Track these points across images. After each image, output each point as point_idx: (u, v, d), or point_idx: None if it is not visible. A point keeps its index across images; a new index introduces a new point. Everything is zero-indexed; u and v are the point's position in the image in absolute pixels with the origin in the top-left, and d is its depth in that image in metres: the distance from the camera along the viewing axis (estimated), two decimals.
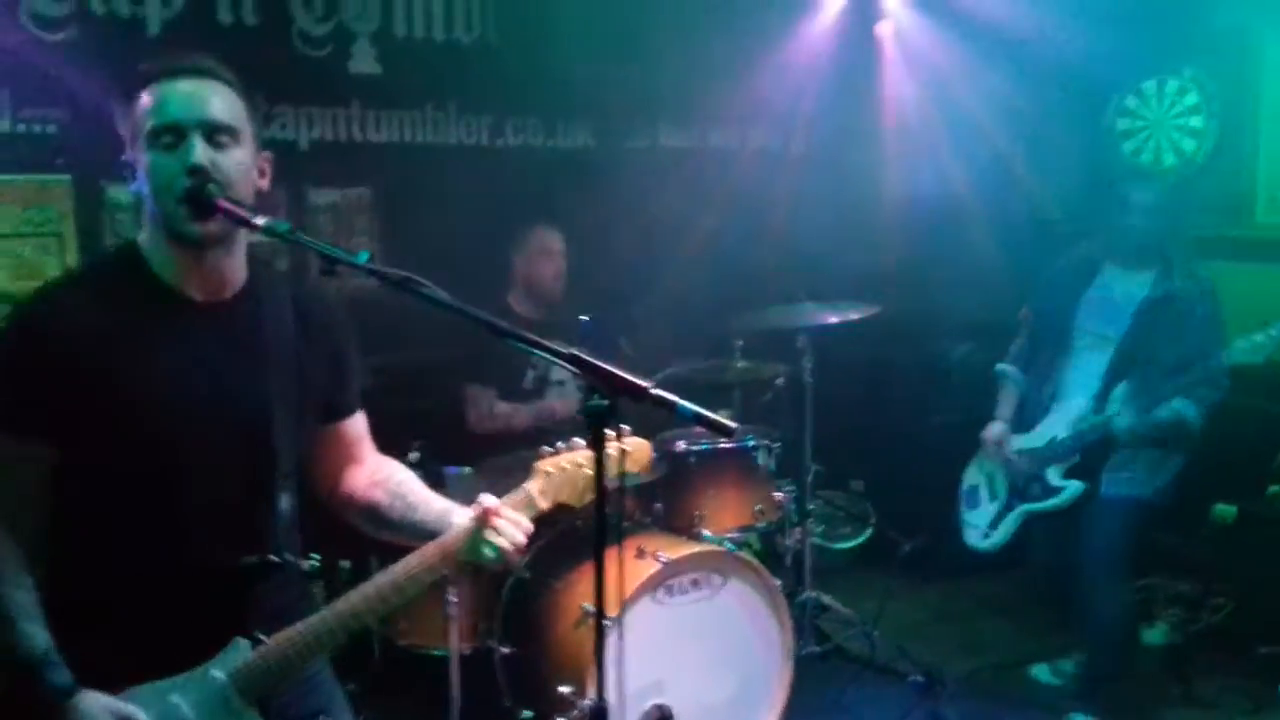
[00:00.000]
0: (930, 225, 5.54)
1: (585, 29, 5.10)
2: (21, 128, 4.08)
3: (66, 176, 4.10)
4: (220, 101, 1.89)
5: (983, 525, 4.22)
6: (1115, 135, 5.63)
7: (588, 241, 4.63)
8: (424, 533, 2.06)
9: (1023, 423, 4.17)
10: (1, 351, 1.86)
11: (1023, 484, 4.10)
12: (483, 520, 1.96)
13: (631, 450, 2.03)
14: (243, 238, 1.97)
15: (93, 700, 1.83)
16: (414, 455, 3.60)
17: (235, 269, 1.98)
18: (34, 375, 1.82)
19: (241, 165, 1.90)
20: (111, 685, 1.86)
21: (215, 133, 1.88)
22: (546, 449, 2.03)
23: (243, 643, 1.93)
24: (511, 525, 1.96)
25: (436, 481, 3.15)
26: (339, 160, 4.69)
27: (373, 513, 2.16)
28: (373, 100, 4.72)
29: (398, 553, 2.04)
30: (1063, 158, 5.66)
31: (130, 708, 1.85)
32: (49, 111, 4.09)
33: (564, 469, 2.01)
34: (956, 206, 5.46)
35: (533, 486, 2.01)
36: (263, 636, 1.95)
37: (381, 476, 2.20)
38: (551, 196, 4.76)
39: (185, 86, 1.88)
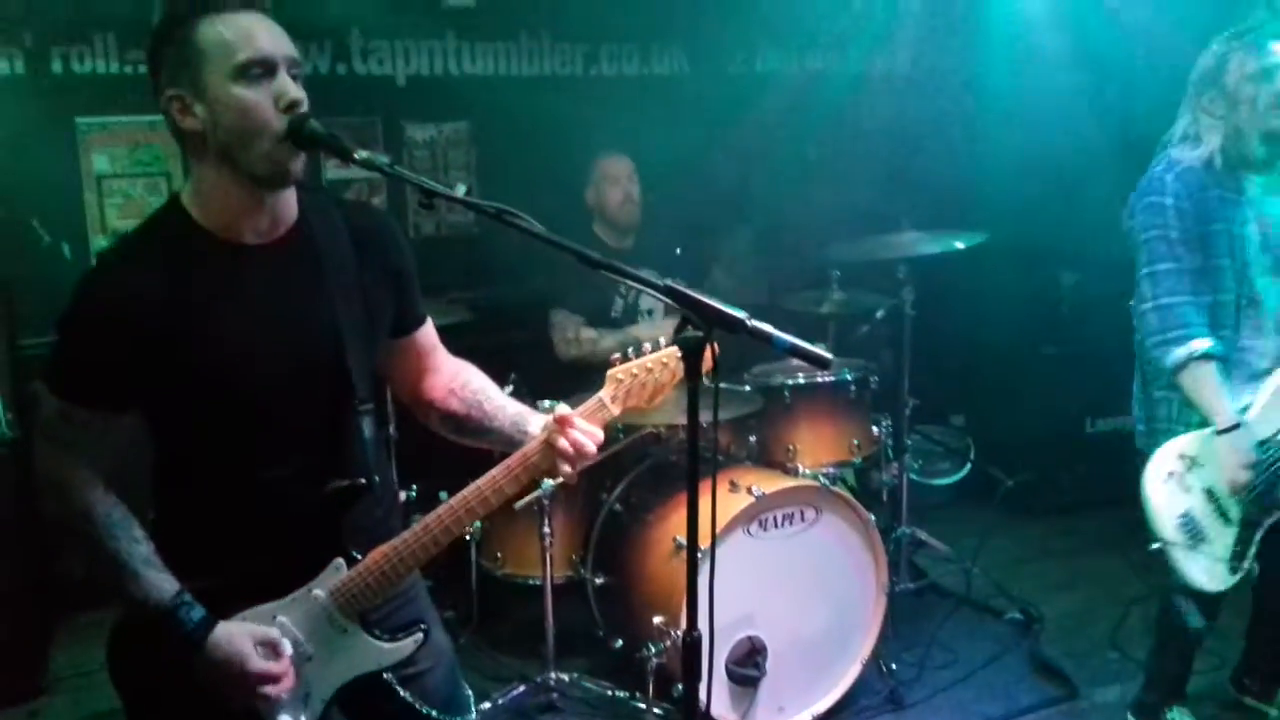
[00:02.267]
0: (1039, 148, 5.34)
1: None
2: (129, 70, 4.27)
3: None
4: (287, 38, 1.89)
5: (1223, 558, 3.09)
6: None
7: (682, 170, 4.62)
8: (502, 439, 2.11)
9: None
10: (71, 325, 1.88)
11: (1264, 488, 3.03)
12: (557, 430, 1.98)
13: (670, 362, 2.03)
14: None
15: (230, 630, 1.93)
16: (508, 389, 3.61)
17: (290, 206, 1.99)
18: (105, 347, 1.85)
19: (306, 101, 1.90)
20: (224, 610, 1.96)
21: (294, 68, 1.88)
22: (617, 356, 2.04)
23: (340, 562, 2.02)
24: (583, 435, 1.97)
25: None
26: (435, 94, 4.78)
27: (452, 421, 2.22)
28: (467, 32, 4.80)
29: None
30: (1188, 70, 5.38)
31: (268, 630, 1.97)
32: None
33: (634, 374, 2.02)
34: (1068, 127, 5.25)
35: (605, 393, 2.02)
36: (358, 555, 2.03)
37: (458, 384, 2.24)
38: (646, 126, 4.78)
39: (258, 19, 1.86)
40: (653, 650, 3.34)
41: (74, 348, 1.89)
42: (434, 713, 2.16)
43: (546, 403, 3.69)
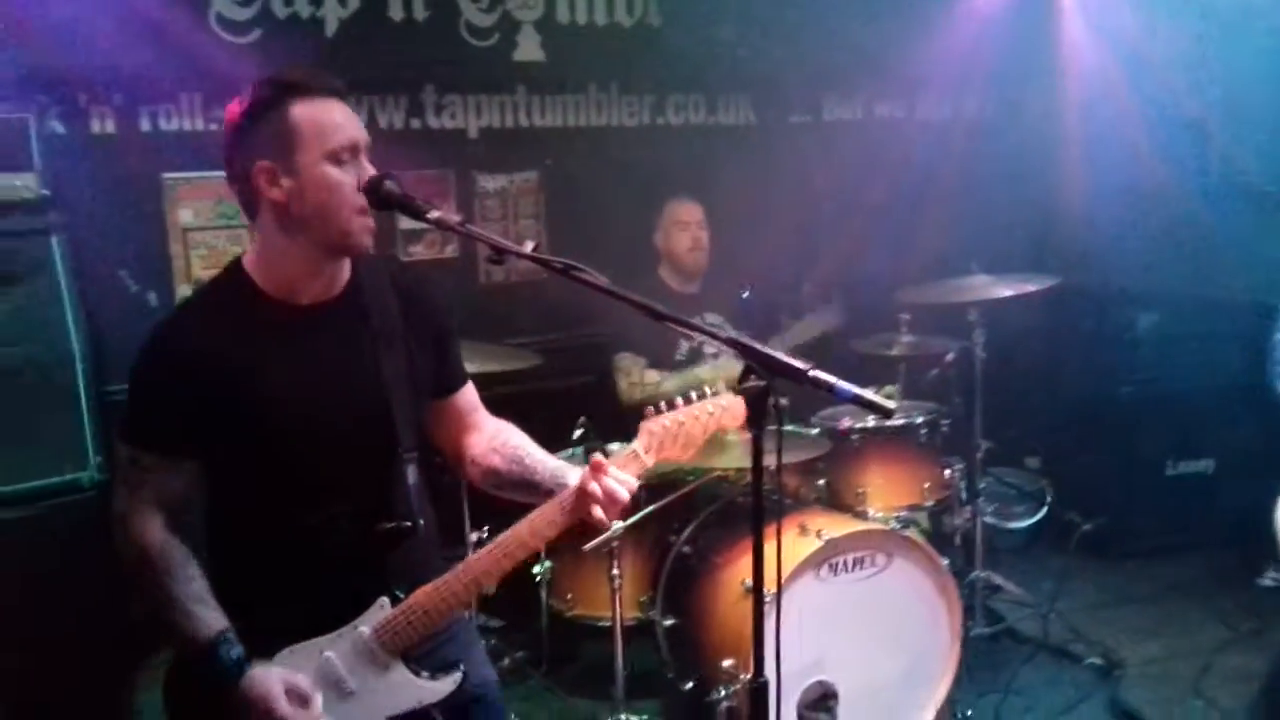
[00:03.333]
0: (1112, 190, 5.31)
1: (745, 4, 5.14)
2: (214, 126, 4.33)
3: None
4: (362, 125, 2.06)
5: None
6: None
7: (751, 218, 4.65)
8: (541, 492, 2.18)
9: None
10: (140, 374, 2.01)
11: None
12: (590, 476, 2.05)
13: (727, 407, 2.10)
14: None
15: (263, 673, 2.02)
16: (578, 432, 3.78)
17: (344, 269, 2.13)
18: (170, 395, 1.98)
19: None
20: (274, 646, 2.07)
21: (369, 150, 2.05)
22: (650, 408, 2.11)
23: (384, 601, 2.11)
24: (616, 481, 2.04)
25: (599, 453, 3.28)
26: (507, 146, 4.87)
27: (493, 477, 2.30)
28: (537, 85, 4.89)
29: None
30: (1260, 113, 5.30)
31: (297, 677, 2.05)
32: None
33: (666, 426, 2.09)
34: (1141, 169, 5.21)
35: (638, 444, 2.09)
36: (401, 594, 2.12)
37: (499, 442, 2.33)
38: (712, 174, 4.81)
39: (344, 108, 2.03)
40: (723, 693, 3.32)
41: (142, 394, 2.02)
42: None
43: (614, 445, 3.79)
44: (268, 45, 4.28)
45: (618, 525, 3.38)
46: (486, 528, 3.85)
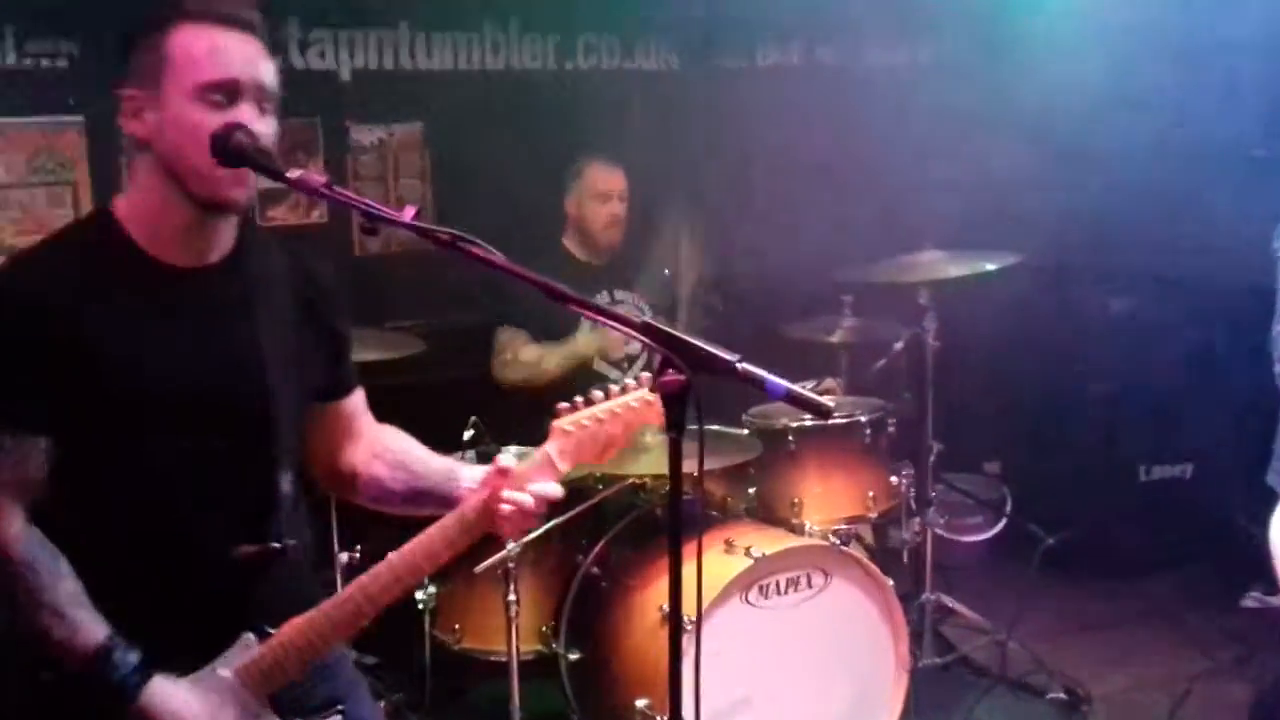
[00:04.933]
0: (1081, 154, 5.36)
1: None
2: (28, 63, 4.23)
3: (79, 118, 4.28)
4: (269, 66, 1.99)
5: None
6: None
7: (670, 180, 4.66)
8: (433, 499, 2.18)
9: None
10: None
11: None
12: (494, 490, 2.04)
13: (651, 401, 2.06)
14: None
15: (172, 684, 1.97)
16: (469, 434, 3.68)
17: (227, 233, 2.08)
18: (17, 358, 1.91)
19: (274, 138, 2.00)
20: None
21: (264, 100, 1.98)
22: (563, 404, 2.09)
23: (250, 637, 2.05)
24: (533, 491, 2.04)
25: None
26: (385, 92, 4.82)
27: (376, 488, 2.30)
28: (423, 21, 4.81)
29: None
30: (1263, 76, 5.32)
31: (214, 691, 2.00)
32: (59, 44, 4.26)
33: (584, 425, 2.07)
34: (1120, 130, 5.23)
35: (551, 447, 2.07)
36: (269, 629, 2.06)
37: (380, 448, 2.32)
38: (627, 128, 4.81)
39: (240, 40, 1.96)
40: None
41: None
42: None
43: (511, 449, 3.75)
44: None
45: (512, 543, 3.37)
46: (359, 548, 3.84)
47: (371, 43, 4.78)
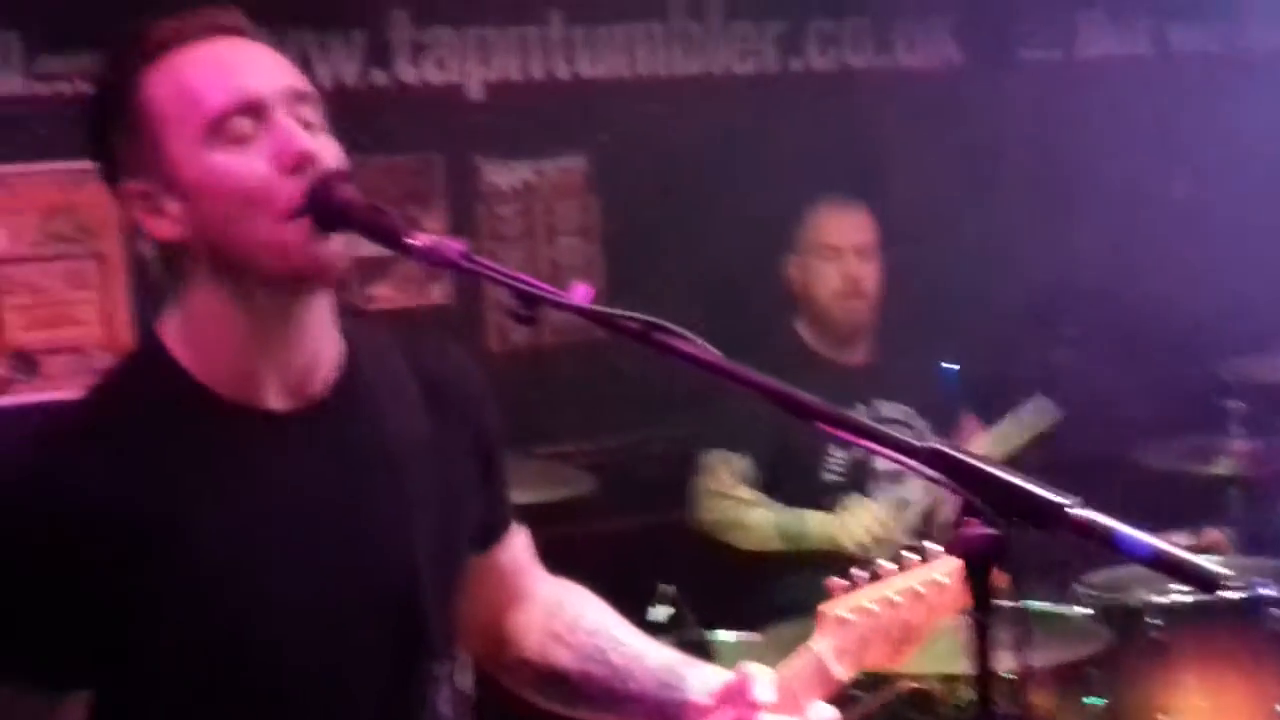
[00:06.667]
0: None
1: None
2: (40, 87, 4.25)
3: None
4: (289, 65, 1.95)
5: None
6: None
7: (952, 228, 4.68)
8: (642, 712, 2.16)
9: None
10: None
11: None
12: (741, 711, 2.02)
13: (948, 580, 2.06)
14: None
15: None
16: (658, 611, 3.73)
17: (328, 343, 1.99)
18: (41, 592, 1.83)
19: (340, 156, 1.91)
20: None
21: (301, 109, 1.91)
22: (837, 581, 2.08)
23: None
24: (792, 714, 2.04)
25: (698, 651, 3.06)
26: (532, 114, 4.79)
27: (558, 683, 2.27)
28: (585, 11, 4.77)
29: None
30: None
31: None
32: (80, 61, 4.18)
33: (871, 611, 2.06)
34: None
35: (821, 644, 2.06)
36: None
37: (563, 624, 2.28)
38: (884, 149, 4.79)
39: (231, 45, 1.92)
40: None
41: None
42: None
43: (722, 635, 3.77)
44: None
45: None
46: None
47: (512, 44, 4.71)
